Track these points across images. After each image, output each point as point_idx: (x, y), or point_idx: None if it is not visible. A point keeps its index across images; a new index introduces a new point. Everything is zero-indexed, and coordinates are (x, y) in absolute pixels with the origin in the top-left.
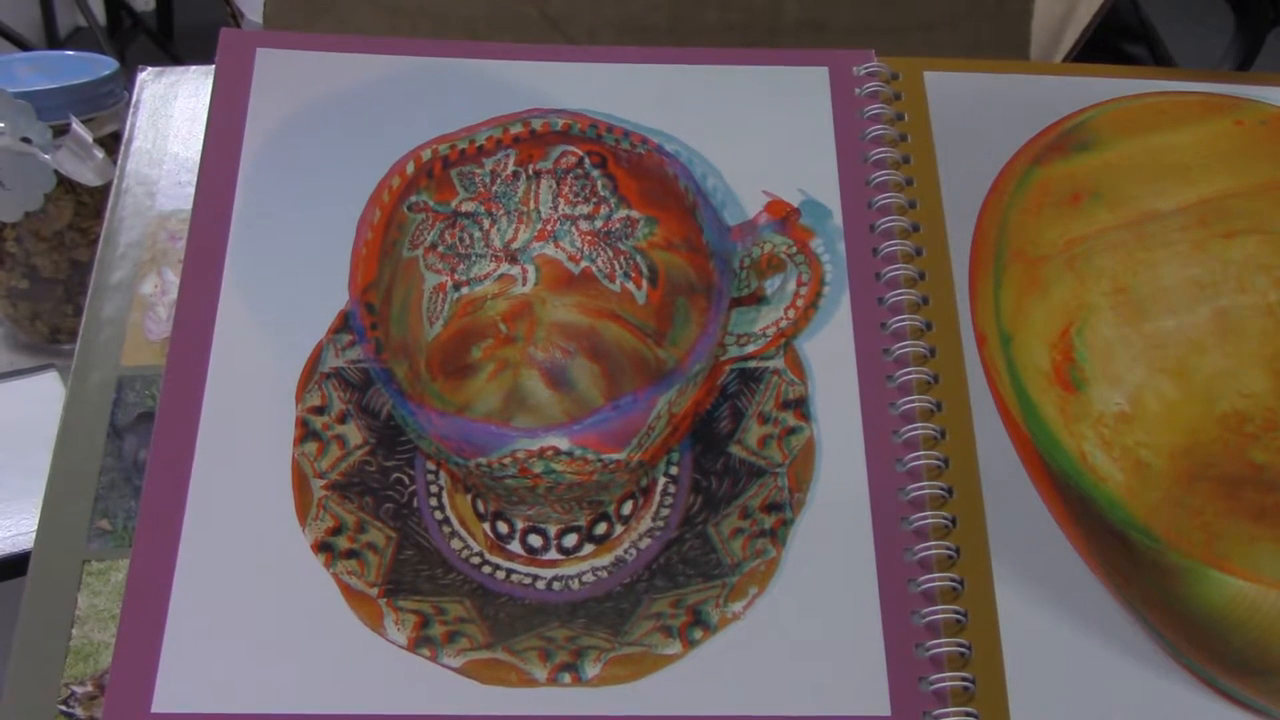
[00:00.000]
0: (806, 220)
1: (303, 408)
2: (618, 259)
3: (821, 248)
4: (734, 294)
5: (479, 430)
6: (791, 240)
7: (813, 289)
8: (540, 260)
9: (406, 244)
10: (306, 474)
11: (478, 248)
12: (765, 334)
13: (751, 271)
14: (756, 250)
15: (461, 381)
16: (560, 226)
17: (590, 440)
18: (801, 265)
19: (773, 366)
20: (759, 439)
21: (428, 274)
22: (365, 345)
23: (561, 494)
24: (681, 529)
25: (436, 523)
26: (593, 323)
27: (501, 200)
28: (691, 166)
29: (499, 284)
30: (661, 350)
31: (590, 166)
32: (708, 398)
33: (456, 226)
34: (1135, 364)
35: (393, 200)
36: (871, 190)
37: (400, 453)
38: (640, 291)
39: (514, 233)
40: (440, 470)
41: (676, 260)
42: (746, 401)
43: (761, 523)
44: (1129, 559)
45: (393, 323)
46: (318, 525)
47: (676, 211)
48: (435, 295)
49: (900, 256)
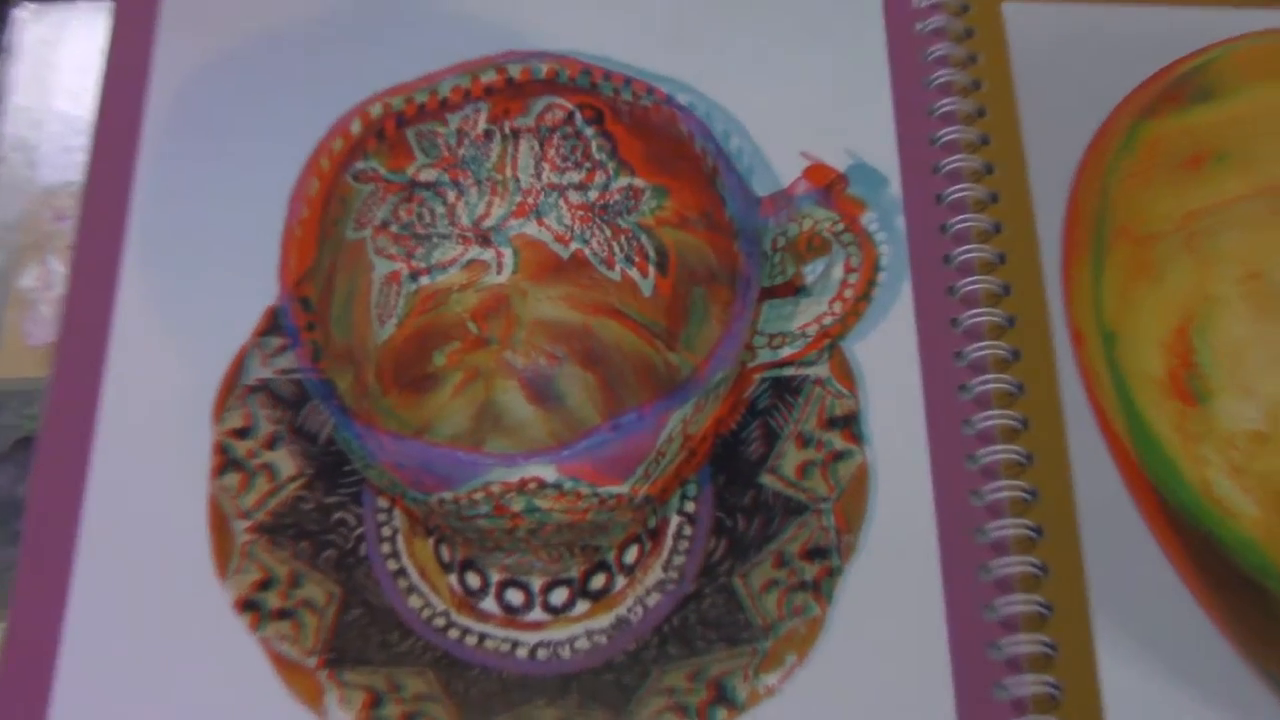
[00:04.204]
0: (856, 189)
1: (222, 430)
2: (617, 239)
3: (875, 224)
4: (765, 283)
5: (443, 457)
6: (837, 215)
7: (864, 276)
8: (520, 242)
9: (351, 223)
10: (227, 514)
11: (440, 227)
12: (805, 334)
13: (787, 254)
14: (793, 227)
15: (421, 396)
16: (545, 199)
17: (584, 469)
18: (850, 246)
19: (815, 375)
20: (798, 467)
21: (378, 260)
22: (299, 350)
23: (548, 537)
24: (700, 581)
25: (390, 574)
26: (586, 320)
27: (470, 167)
28: (711, 122)
29: (467, 272)
30: (673, 355)
31: (582, 123)
32: (732, 415)
33: (414, 200)
34: (1273, 370)
35: (334, 168)
36: (938, 151)
37: (344, 486)
38: (646, 280)
39: (486, 207)
40: (395, 508)
41: (692, 240)
42: (782, 419)
43: (802, 573)
44: (1267, 616)
45: (334, 322)
46: (241, 578)
47: (692, 179)
48: (387, 287)
49: (975, 235)
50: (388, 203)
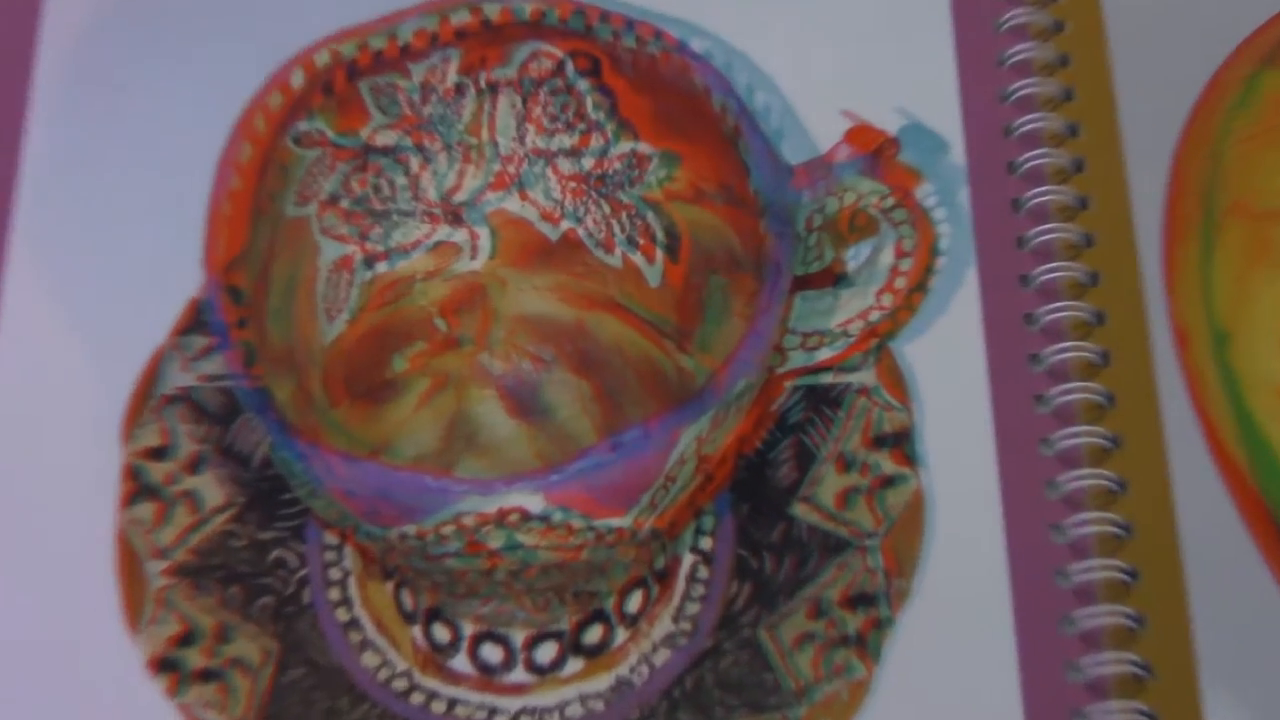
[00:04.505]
0: (910, 156)
1: (133, 450)
2: (618, 217)
3: (934, 198)
4: (798, 270)
5: (405, 483)
6: (887, 187)
7: (920, 262)
8: (498, 220)
9: (292, 197)
10: (139, 552)
11: (401, 202)
12: (847, 332)
13: (825, 236)
14: (833, 203)
15: (378, 408)
16: (529, 168)
17: (576, 498)
18: (902, 226)
19: (859, 383)
20: (838, 495)
21: (325, 242)
22: (229, 352)
23: (533, 581)
24: (719, 635)
25: (340, 626)
26: (579, 316)
27: (438, 129)
28: (732, 74)
29: (435, 257)
30: (686, 358)
31: (575, 75)
32: (758, 431)
33: (369, 169)
34: None
35: (271, 130)
36: (1010, 109)
37: (283, 519)
38: (653, 267)
39: (457, 178)
40: (345, 546)
41: (709, 219)
42: (818, 437)
43: (843, 624)
44: None
45: (271, 317)
46: (156, 631)
47: (708, 143)
48: (337, 275)
49: (1055, 211)
50: (337, 172)
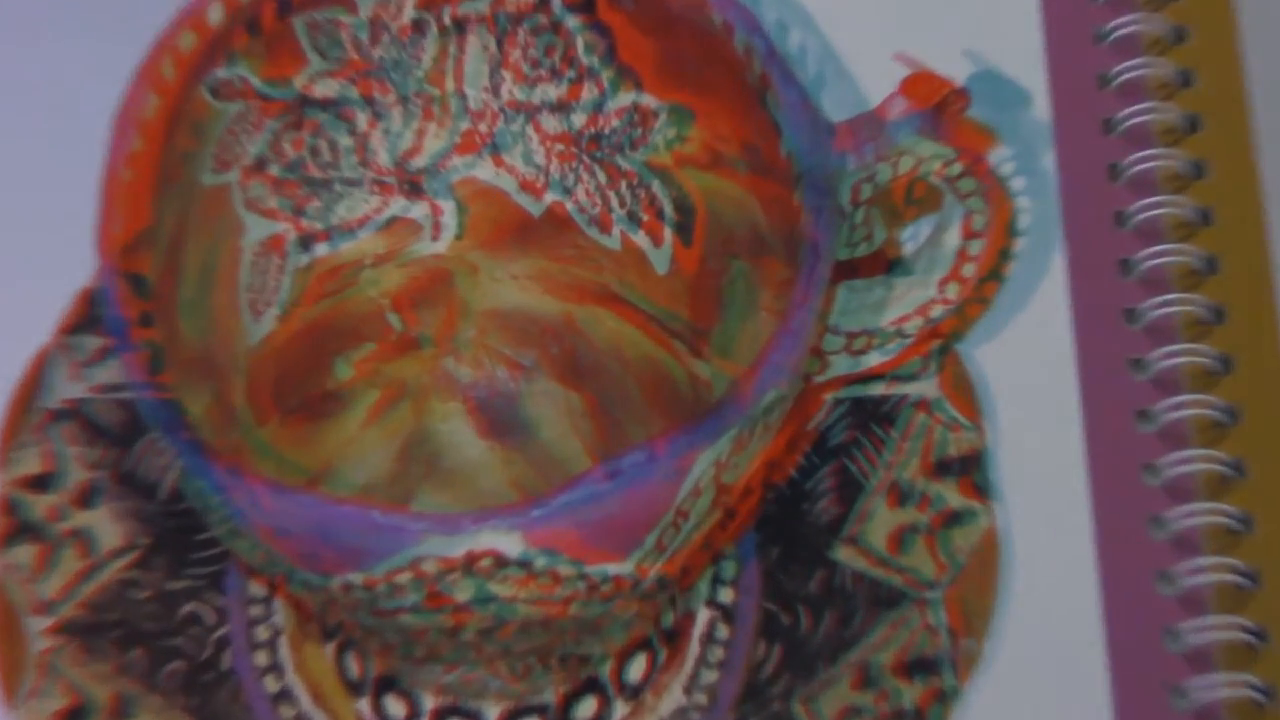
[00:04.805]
0: (982, 110)
1: (9, 479)
2: (616, 188)
3: (1011, 164)
4: (842, 255)
5: (350, 519)
6: (953, 150)
7: (994, 244)
8: (467, 192)
9: (209, 161)
10: (16, 606)
11: (346, 168)
12: (903, 332)
13: (876, 212)
14: (886, 170)
15: (316, 425)
16: (505, 126)
17: (565, 538)
18: (972, 198)
19: (918, 395)
20: (892, 535)
21: (251, 219)
22: (130, 356)
23: (510, 642)
24: (742, 710)
25: (268, 698)
26: (568, 311)
27: (391, 76)
28: (759, 9)
29: (387, 237)
30: (701, 363)
31: (563, 10)
32: (791, 456)
33: (305, 128)
34: None
35: (182, 78)
36: (1107, 52)
37: (197, 565)
38: (660, 250)
39: (416, 139)
40: (275, 598)
41: (729, 189)
42: (867, 462)
43: (898, 697)
44: None
45: (183, 312)
46: (38, 706)
47: (729, 95)
48: (265, 259)
49: (1163, 181)
50: (265, 131)
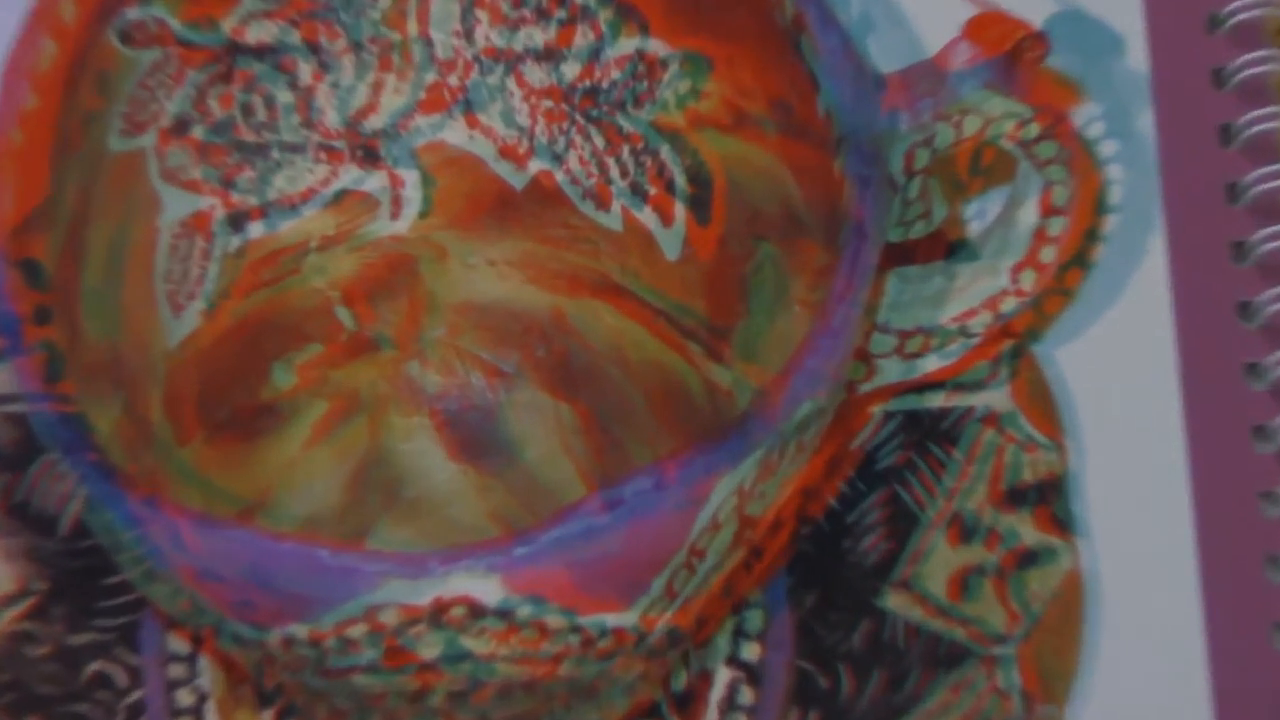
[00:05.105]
0: (1065, 60)
1: None
2: (617, 154)
3: (1101, 125)
4: (893, 236)
5: (292, 559)
6: (1029, 108)
7: (1079, 223)
8: (435, 159)
9: (118, 122)
10: None
11: (286, 130)
12: (967, 330)
13: (935, 182)
14: (947, 132)
15: (250, 444)
16: (481, 79)
17: (555, 582)
18: (1053, 167)
19: (985, 407)
20: (954, 578)
21: (169, 192)
22: (22, 360)
23: (487, 709)
24: None
25: None
26: (558, 304)
27: (341, 17)
28: None
29: (337, 214)
30: (721, 368)
31: None
32: (830, 482)
33: (236, 81)
34: None
35: (85, 20)
36: None
37: (106, 615)
38: (671, 231)
39: (371, 95)
40: (201, 655)
41: (755, 156)
42: (923, 489)
43: None
44: None
45: (87, 307)
46: None
47: (755, 41)
48: (187, 241)
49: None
50: (187, 85)
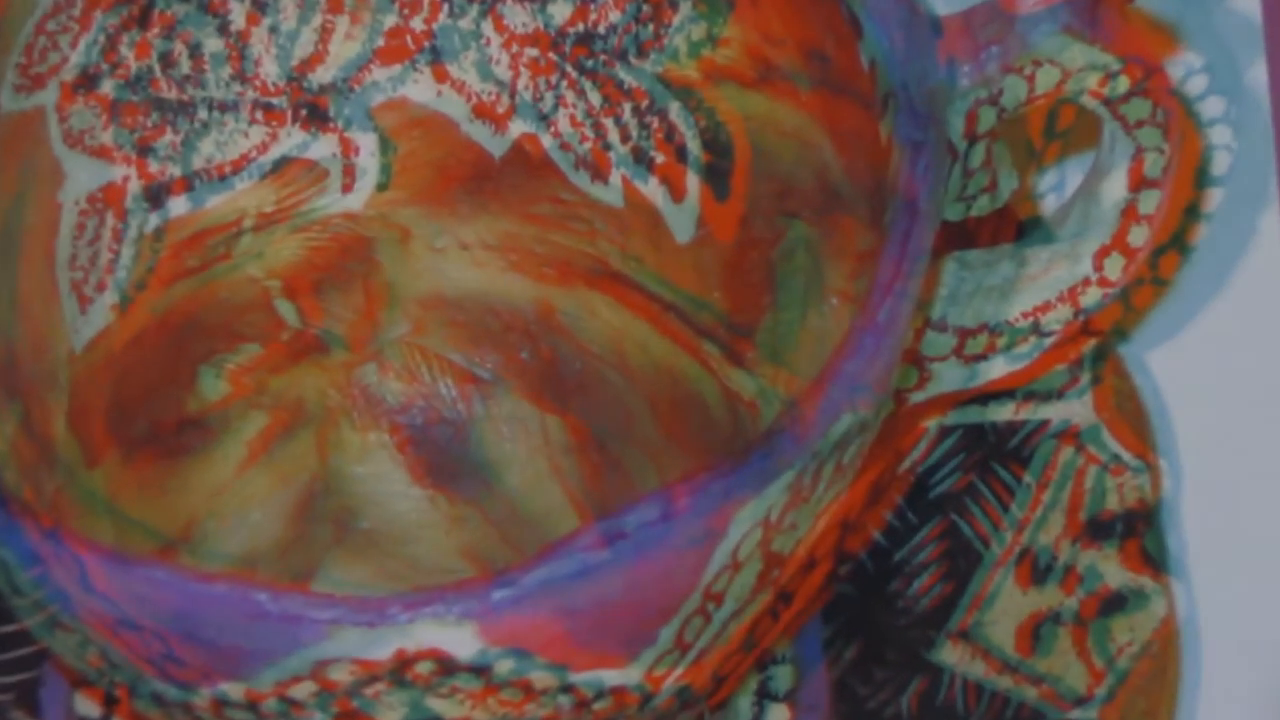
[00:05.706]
0: (1160, 1)
1: None
2: (616, 113)
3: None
4: (951, 215)
5: (224, 604)
6: (1116, 58)
7: (1176, 198)
8: (395, 119)
9: (10, 75)
10: None
11: (216, 84)
12: (1041, 328)
13: (1001, 149)
14: (1017, 86)
15: (173, 465)
16: (450, 22)
17: (542, 633)
18: (1145, 129)
19: (1062, 420)
20: (1024, 627)
21: (74, 159)
22: None
23: None
24: None
25: None
26: (546, 296)
27: None
28: None
29: (276, 185)
30: (742, 374)
31: None
32: (875, 511)
33: (154, 24)
34: None
35: None
36: None
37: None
38: (681, 207)
39: (319, 41)
40: (115, 717)
41: (785, 116)
42: (988, 520)
43: None
44: None
45: None
46: None
47: None
48: (95, 221)
49: None
50: (94, 28)
